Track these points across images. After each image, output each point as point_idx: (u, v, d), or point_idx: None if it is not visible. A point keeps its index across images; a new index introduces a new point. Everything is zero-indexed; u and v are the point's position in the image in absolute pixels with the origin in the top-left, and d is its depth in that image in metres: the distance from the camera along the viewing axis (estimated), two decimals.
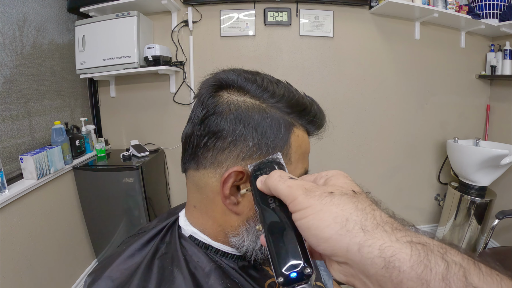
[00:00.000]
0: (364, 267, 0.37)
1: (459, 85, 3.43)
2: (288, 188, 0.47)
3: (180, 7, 3.02)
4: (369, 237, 0.38)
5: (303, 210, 0.43)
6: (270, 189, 0.51)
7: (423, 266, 0.34)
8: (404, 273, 0.34)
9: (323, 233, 0.40)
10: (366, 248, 0.37)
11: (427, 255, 0.35)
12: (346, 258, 0.39)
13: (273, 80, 0.73)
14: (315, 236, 0.41)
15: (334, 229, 0.40)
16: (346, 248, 0.38)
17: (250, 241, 0.71)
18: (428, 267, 0.34)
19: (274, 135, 0.67)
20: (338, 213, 0.41)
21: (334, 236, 0.39)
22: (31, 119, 2.45)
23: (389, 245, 0.36)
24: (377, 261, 0.36)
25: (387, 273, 0.35)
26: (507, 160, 2.73)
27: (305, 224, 0.43)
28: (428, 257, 0.34)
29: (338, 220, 0.40)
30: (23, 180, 2.27)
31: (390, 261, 0.35)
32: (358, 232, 0.38)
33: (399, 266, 0.35)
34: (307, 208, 0.43)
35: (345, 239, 0.38)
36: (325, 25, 3.13)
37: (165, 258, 0.71)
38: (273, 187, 0.50)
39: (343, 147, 3.43)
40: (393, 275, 0.35)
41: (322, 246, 0.41)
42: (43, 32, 2.56)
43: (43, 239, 2.42)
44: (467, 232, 3.08)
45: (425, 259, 0.34)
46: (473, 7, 3.08)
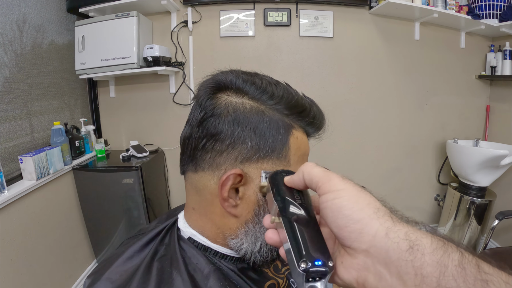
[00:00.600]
0: (387, 252, 0.38)
1: (459, 85, 3.44)
2: (324, 171, 0.48)
3: (179, 7, 3.02)
4: (397, 224, 0.40)
5: (338, 191, 0.44)
6: (303, 174, 0.51)
7: (442, 252, 0.35)
8: (426, 257, 0.35)
9: (356, 214, 0.41)
10: (393, 233, 0.38)
11: (444, 244, 0.37)
12: (370, 244, 0.39)
13: (272, 81, 0.73)
14: (346, 217, 0.42)
15: (367, 212, 0.41)
16: (374, 231, 0.39)
17: (249, 244, 0.71)
18: (446, 253, 0.35)
19: (272, 137, 0.67)
20: (371, 201, 0.43)
21: (366, 218, 0.40)
22: (31, 120, 2.44)
23: (413, 232, 0.38)
24: (402, 245, 0.37)
25: (411, 256, 0.36)
26: (507, 161, 2.73)
27: (337, 204, 0.43)
28: (445, 245, 0.36)
29: (371, 206, 0.42)
30: (23, 181, 2.27)
31: (415, 244, 0.36)
32: (388, 219, 0.40)
33: (422, 249, 0.36)
34: (343, 189, 0.44)
35: (376, 223, 0.40)
36: (324, 26, 3.12)
37: (164, 260, 0.71)
38: (307, 171, 0.50)
39: (343, 148, 3.43)
40: (416, 258, 0.36)
41: (351, 227, 0.41)
42: (42, 32, 2.56)
43: (43, 240, 2.42)
44: (467, 233, 3.08)
45: (443, 247, 0.36)
46: (473, 7, 3.08)
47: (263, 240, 0.70)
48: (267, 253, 0.72)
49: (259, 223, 0.70)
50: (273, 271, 0.84)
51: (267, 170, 0.66)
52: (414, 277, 0.35)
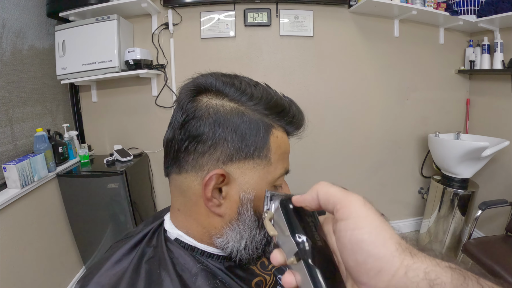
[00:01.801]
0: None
1: (439, 80, 3.49)
2: (342, 191, 0.45)
3: (160, 10, 3.01)
4: (416, 260, 0.37)
5: (358, 219, 0.41)
6: (318, 193, 0.48)
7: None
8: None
9: (377, 250, 0.38)
10: (413, 272, 0.36)
11: (465, 279, 0.35)
12: (388, 284, 0.37)
13: (251, 82, 0.75)
14: (366, 252, 0.39)
15: (390, 249, 0.38)
16: (395, 271, 0.37)
17: (234, 242, 0.72)
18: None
19: (253, 137, 0.69)
20: (393, 234, 0.40)
21: (388, 256, 0.38)
22: (13, 127, 2.41)
23: (433, 269, 0.36)
24: (422, 284, 0.35)
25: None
26: (488, 152, 2.77)
27: (358, 236, 0.40)
28: (466, 281, 0.35)
29: (394, 241, 0.39)
30: (7, 190, 2.24)
31: (435, 284, 0.35)
32: (407, 255, 0.38)
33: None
34: (364, 217, 0.41)
35: (397, 261, 0.37)
36: (305, 25, 3.14)
37: (152, 261, 0.72)
38: (324, 191, 0.47)
39: (326, 145, 3.45)
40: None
41: (370, 264, 0.38)
42: (22, 37, 2.53)
43: (30, 249, 2.39)
44: (452, 224, 3.12)
45: (464, 283, 0.35)
46: (451, 3, 3.13)
47: (248, 237, 0.72)
48: (253, 250, 0.74)
49: (243, 222, 0.71)
50: (260, 268, 0.85)
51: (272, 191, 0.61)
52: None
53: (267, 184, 0.72)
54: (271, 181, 0.73)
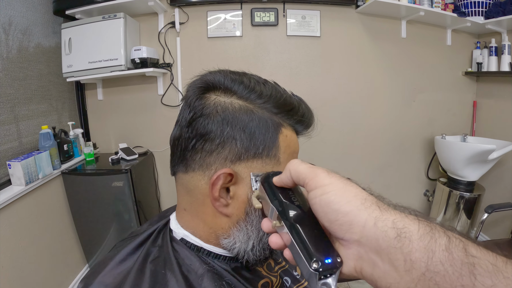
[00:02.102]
0: (377, 241, 0.39)
1: (446, 82, 3.47)
2: (309, 167, 0.50)
3: (166, 8, 3.01)
4: (384, 213, 0.41)
5: (325, 186, 0.46)
6: (290, 172, 0.52)
7: (429, 237, 0.37)
8: (413, 243, 0.37)
9: (344, 207, 0.43)
10: (381, 222, 0.40)
11: (431, 229, 0.38)
12: (361, 234, 0.41)
13: (260, 80, 0.73)
14: (335, 211, 0.43)
15: (355, 204, 0.42)
16: (363, 222, 0.41)
17: (241, 243, 0.71)
18: (433, 238, 0.37)
19: (262, 136, 0.67)
20: (358, 192, 0.44)
21: (354, 210, 0.42)
22: (18, 124, 2.42)
23: (400, 220, 0.40)
24: (390, 233, 0.39)
25: (399, 243, 0.38)
26: (494, 155, 2.76)
27: (326, 199, 0.44)
28: (433, 231, 0.38)
29: (359, 198, 0.43)
30: (12, 187, 2.24)
31: (402, 232, 0.38)
32: (375, 209, 0.42)
33: (409, 236, 0.38)
34: (329, 184, 0.46)
35: (364, 214, 0.41)
36: (312, 25, 3.13)
37: (157, 261, 0.71)
38: (293, 169, 0.51)
39: (332, 145, 3.44)
40: (404, 245, 0.38)
41: (341, 220, 0.43)
42: (29, 35, 2.53)
43: (33, 246, 2.39)
44: (457, 227, 3.11)
45: (430, 232, 0.38)
46: (459, 5, 3.11)
47: (256, 238, 0.70)
48: (260, 251, 0.72)
49: (250, 222, 0.70)
50: (267, 270, 0.84)
51: (255, 172, 0.67)
52: (404, 263, 0.37)
53: None
54: None
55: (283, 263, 0.91)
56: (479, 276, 0.34)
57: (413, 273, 0.37)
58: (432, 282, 0.36)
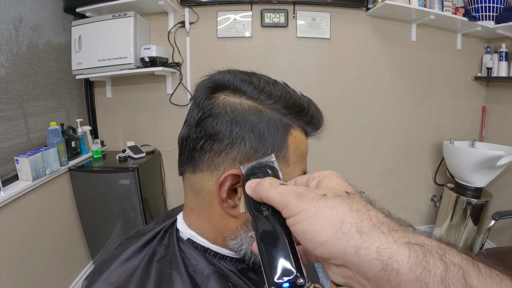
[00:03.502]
0: (362, 269, 0.37)
1: (455, 86, 3.45)
2: (279, 194, 0.47)
3: (177, 8, 3.01)
4: (366, 239, 0.37)
5: (297, 215, 0.43)
6: (261, 197, 0.50)
7: (421, 268, 0.33)
8: (403, 275, 0.34)
9: (318, 238, 0.40)
10: (363, 251, 0.37)
11: (425, 256, 0.34)
12: (344, 261, 0.39)
13: (270, 81, 0.72)
14: (311, 241, 0.41)
15: (330, 232, 0.39)
16: (343, 251, 0.38)
17: (248, 244, 0.70)
18: (427, 268, 0.33)
19: (271, 137, 0.66)
20: (333, 215, 0.41)
21: (330, 240, 0.39)
22: (27, 120, 2.43)
23: (387, 247, 0.36)
24: (375, 264, 0.35)
25: (385, 275, 0.35)
26: (503, 161, 2.74)
27: (299, 229, 0.42)
28: (427, 258, 0.34)
29: (333, 223, 0.40)
30: (19, 182, 2.25)
31: (388, 263, 0.35)
32: (355, 234, 0.38)
33: (397, 268, 0.34)
34: (301, 212, 0.43)
35: (342, 242, 0.38)
36: (321, 27, 3.13)
37: (163, 261, 0.71)
38: (264, 195, 0.49)
39: (340, 148, 3.43)
40: (392, 277, 0.34)
41: (319, 250, 0.40)
42: (39, 32, 2.55)
43: (39, 241, 2.40)
44: (464, 233, 3.09)
45: (423, 261, 0.34)
46: (470, 9, 3.09)
47: None
48: None
49: None
50: None
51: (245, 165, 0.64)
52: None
53: None
54: None
55: None
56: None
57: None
58: None
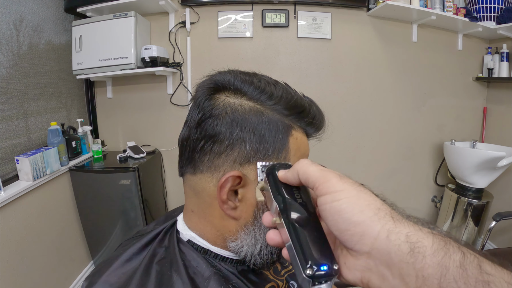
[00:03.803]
0: (389, 255, 0.38)
1: (456, 87, 3.44)
2: (320, 170, 0.47)
3: (177, 8, 3.01)
4: (398, 225, 0.39)
5: (336, 193, 0.43)
6: (298, 173, 0.50)
7: (443, 253, 0.36)
8: (427, 259, 0.36)
9: (356, 217, 0.41)
10: (395, 235, 0.38)
11: (446, 244, 0.37)
12: (372, 247, 0.39)
13: (271, 81, 0.72)
14: (346, 220, 0.41)
15: (368, 214, 0.40)
16: (376, 234, 0.39)
17: (248, 246, 0.70)
18: (448, 254, 0.36)
19: (272, 138, 0.66)
20: (371, 201, 0.42)
21: (367, 221, 0.40)
22: (27, 120, 2.43)
23: (414, 233, 0.38)
24: (403, 247, 0.37)
25: (412, 258, 0.36)
26: (504, 162, 2.73)
27: (337, 207, 0.42)
28: (447, 245, 0.37)
29: (372, 207, 0.41)
30: (19, 182, 2.25)
31: (415, 247, 0.37)
32: (389, 220, 0.40)
33: (423, 251, 0.36)
34: (341, 191, 0.43)
35: (377, 225, 0.39)
36: (322, 27, 3.12)
37: (163, 262, 0.71)
38: (303, 170, 0.49)
39: (340, 148, 3.43)
40: (417, 260, 0.36)
41: (352, 230, 0.41)
42: (39, 32, 2.55)
43: (39, 241, 2.40)
44: (464, 234, 3.08)
45: (444, 247, 0.36)
46: (471, 9, 3.09)
47: (263, 242, 0.69)
48: (267, 255, 0.72)
49: (258, 225, 0.69)
50: (273, 274, 0.84)
51: (263, 163, 0.65)
52: (415, 279, 0.36)
53: None
54: None
55: (290, 267, 0.90)
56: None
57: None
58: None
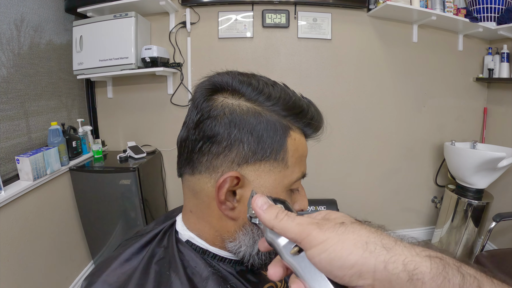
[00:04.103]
0: (390, 283, 0.38)
1: (457, 88, 3.44)
2: (298, 225, 0.46)
3: (178, 8, 3.01)
4: (392, 254, 0.39)
5: (321, 245, 0.42)
6: (275, 228, 0.48)
7: (442, 278, 0.36)
8: (426, 285, 0.36)
9: (348, 261, 0.40)
10: (391, 265, 0.38)
11: (444, 267, 0.37)
12: (374, 279, 0.39)
13: (269, 82, 0.72)
14: (340, 267, 0.41)
15: (358, 254, 0.40)
16: (373, 268, 0.39)
17: (247, 246, 0.70)
18: (447, 278, 0.36)
19: (270, 139, 0.66)
20: (356, 238, 0.41)
21: (359, 260, 0.39)
22: (28, 120, 2.43)
23: (411, 259, 0.38)
24: (402, 276, 0.37)
25: (411, 286, 0.37)
26: (504, 163, 2.73)
27: (326, 258, 0.42)
28: (446, 269, 0.37)
29: (359, 245, 0.40)
30: (19, 181, 2.26)
31: (413, 274, 0.37)
32: (381, 251, 0.39)
33: (422, 278, 0.36)
34: (325, 241, 0.42)
35: (371, 260, 0.39)
36: (323, 28, 3.12)
37: (162, 262, 0.71)
38: (280, 226, 0.48)
39: (340, 149, 3.43)
40: (417, 287, 0.36)
41: (349, 273, 0.40)
42: (40, 32, 2.55)
43: (39, 241, 2.40)
44: (464, 235, 3.08)
45: (443, 271, 0.36)
46: (471, 10, 3.09)
47: None
48: (265, 255, 0.72)
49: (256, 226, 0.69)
50: None
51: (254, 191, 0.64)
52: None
53: (283, 187, 0.70)
54: (287, 184, 0.70)
55: None
56: None
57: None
58: None
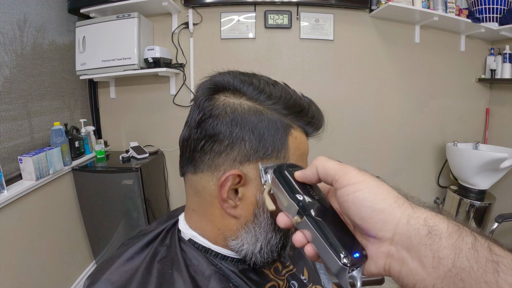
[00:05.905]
0: (409, 238, 0.42)
1: (459, 88, 3.43)
2: (338, 164, 0.51)
3: (180, 9, 3.02)
4: (416, 211, 0.43)
5: (357, 184, 0.46)
6: (317, 168, 0.52)
7: (457, 236, 0.40)
8: (443, 240, 0.40)
9: (379, 205, 0.44)
10: (414, 219, 0.42)
11: (459, 228, 0.41)
12: (394, 232, 0.43)
13: (270, 81, 0.73)
14: (369, 208, 0.44)
15: (389, 202, 0.44)
16: (398, 220, 0.43)
17: (249, 245, 0.70)
18: (461, 236, 0.40)
19: (271, 137, 0.67)
20: (390, 190, 0.46)
21: (388, 208, 0.44)
22: (31, 120, 2.44)
23: (431, 218, 0.42)
24: (422, 230, 0.41)
25: (430, 240, 0.40)
26: (507, 164, 2.73)
27: (359, 197, 0.45)
28: (460, 230, 0.41)
29: (392, 196, 0.45)
30: (22, 181, 2.26)
31: (433, 229, 0.41)
32: (408, 206, 0.44)
33: (440, 234, 0.40)
34: (362, 181, 0.47)
35: (398, 211, 0.43)
36: (325, 28, 3.13)
37: (165, 261, 0.71)
38: (321, 165, 0.52)
39: (342, 149, 3.43)
40: (434, 242, 0.40)
41: (376, 218, 0.44)
42: (43, 32, 2.56)
43: (42, 240, 2.41)
44: None
45: (458, 231, 0.40)
46: (473, 10, 3.08)
47: (264, 241, 0.70)
48: (268, 254, 0.72)
49: (259, 224, 0.69)
50: (274, 273, 0.83)
51: (265, 164, 0.66)
52: (432, 259, 0.40)
53: None
54: None
55: (291, 267, 0.90)
56: (502, 273, 0.36)
57: (440, 270, 0.39)
58: (458, 278, 0.38)
